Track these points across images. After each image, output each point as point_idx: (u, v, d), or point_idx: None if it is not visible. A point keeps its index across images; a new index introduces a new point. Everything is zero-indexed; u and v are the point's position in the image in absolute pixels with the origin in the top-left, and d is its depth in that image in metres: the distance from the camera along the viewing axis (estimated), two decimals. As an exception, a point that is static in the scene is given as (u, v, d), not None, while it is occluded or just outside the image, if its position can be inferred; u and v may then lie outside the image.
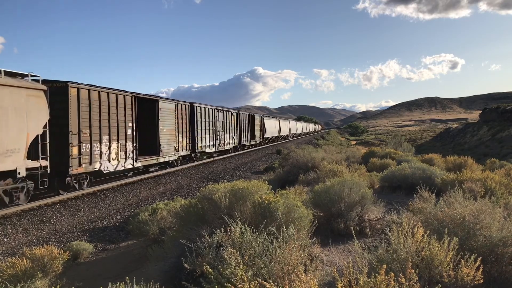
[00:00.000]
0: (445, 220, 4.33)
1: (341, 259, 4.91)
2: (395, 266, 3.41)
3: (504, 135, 67.83)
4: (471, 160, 13.55)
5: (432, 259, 3.43)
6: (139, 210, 9.74)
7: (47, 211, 11.50)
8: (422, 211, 5.10)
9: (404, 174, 9.65)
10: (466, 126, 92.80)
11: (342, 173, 9.97)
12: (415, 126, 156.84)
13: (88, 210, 11.99)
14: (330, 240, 5.46)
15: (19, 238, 9.38)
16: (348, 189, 6.29)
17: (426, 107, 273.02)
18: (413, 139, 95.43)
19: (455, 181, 7.69)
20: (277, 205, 4.89)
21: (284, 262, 3.47)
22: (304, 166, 13.36)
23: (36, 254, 5.88)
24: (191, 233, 4.85)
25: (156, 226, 7.70)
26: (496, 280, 3.80)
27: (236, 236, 4.00)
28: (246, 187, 5.41)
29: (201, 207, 5.56)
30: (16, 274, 5.37)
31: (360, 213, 6.29)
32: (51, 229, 10.06)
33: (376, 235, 5.88)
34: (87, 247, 8.02)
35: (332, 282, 3.82)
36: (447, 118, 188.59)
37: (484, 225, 4.12)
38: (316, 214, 6.09)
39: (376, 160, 14.39)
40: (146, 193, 14.92)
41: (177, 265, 4.32)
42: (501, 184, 7.59)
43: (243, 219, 4.75)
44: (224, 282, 3.16)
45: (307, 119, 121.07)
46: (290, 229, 4.04)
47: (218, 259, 3.76)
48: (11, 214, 10.86)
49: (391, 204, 7.14)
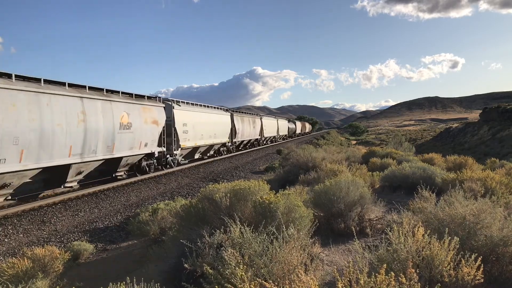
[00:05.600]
0: (446, 220, 4.33)
1: (342, 259, 4.90)
2: (396, 266, 3.41)
3: (504, 135, 67.76)
4: (471, 160, 13.55)
5: (432, 258, 3.42)
6: (140, 210, 9.74)
7: (47, 211, 11.52)
8: (422, 210, 5.10)
9: (404, 173, 9.65)
10: (467, 125, 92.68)
11: (342, 173, 9.96)
12: (415, 126, 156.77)
13: (88, 211, 11.99)
14: (331, 240, 5.46)
15: (19, 238, 9.39)
16: (348, 188, 6.29)
17: (426, 107, 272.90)
18: (414, 139, 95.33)
19: (455, 180, 7.70)
20: (278, 205, 4.89)
21: (284, 262, 3.46)
22: (305, 166, 13.36)
23: (37, 254, 5.88)
24: (191, 233, 4.85)
25: (157, 226, 7.70)
26: (496, 279, 3.80)
27: (236, 236, 4.00)
28: (247, 187, 5.41)
29: (202, 207, 5.56)
30: (17, 275, 5.37)
31: (361, 213, 6.28)
32: (52, 230, 10.06)
33: (377, 234, 5.88)
34: (87, 247, 8.01)
35: (333, 282, 3.82)
36: (447, 118, 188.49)
37: (484, 225, 4.12)
38: (317, 214, 6.09)
39: (376, 160, 14.40)
40: (147, 193, 14.92)
41: (177, 265, 4.32)
42: (501, 184, 7.59)
43: (244, 219, 4.75)
44: (224, 283, 3.16)
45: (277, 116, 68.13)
46: (290, 229, 4.04)
47: (218, 259, 3.75)
48: (12, 214, 10.88)
49: (392, 203, 7.14)
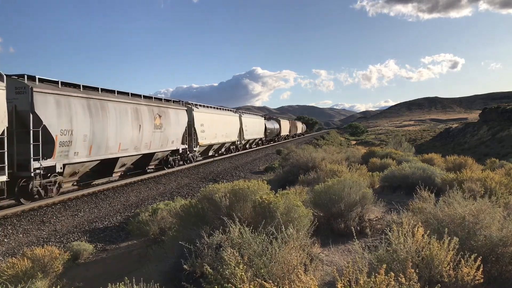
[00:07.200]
0: (445, 220, 4.33)
1: (341, 259, 4.90)
2: (395, 266, 3.41)
3: (504, 135, 67.76)
4: (471, 160, 13.55)
5: (432, 258, 3.43)
6: (139, 211, 9.73)
7: (47, 211, 11.51)
8: (422, 211, 5.10)
9: (404, 174, 9.65)
10: (466, 126, 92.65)
11: (342, 173, 9.96)
12: (415, 126, 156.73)
13: (88, 211, 11.99)
14: (330, 240, 5.46)
15: (19, 238, 9.38)
16: (348, 188, 6.28)
17: (426, 107, 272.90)
18: (413, 139, 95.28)
19: (455, 181, 7.69)
20: (277, 205, 4.89)
21: (284, 262, 3.46)
22: (304, 166, 13.36)
23: (36, 254, 5.88)
24: (191, 233, 4.85)
25: (156, 227, 7.69)
26: (496, 279, 3.80)
27: (235, 237, 4.00)
28: (246, 187, 5.41)
29: (201, 207, 5.56)
30: (16, 275, 5.37)
31: (360, 213, 6.28)
32: (51, 230, 10.06)
33: (377, 235, 5.88)
34: (87, 247, 8.01)
35: (332, 282, 3.82)
36: (447, 118, 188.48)
37: (484, 225, 4.12)
38: (316, 214, 6.09)
39: (376, 160, 14.40)
40: (146, 193, 14.92)
41: (177, 265, 4.32)
42: (501, 184, 7.58)
43: (244, 219, 4.75)
44: (224, 283, 3.16)
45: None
46: (289, 229, 4.03)
47: (217, 259, 3.75)
48: (12, 214, 10.87)
49: (391, 204, 7.14)
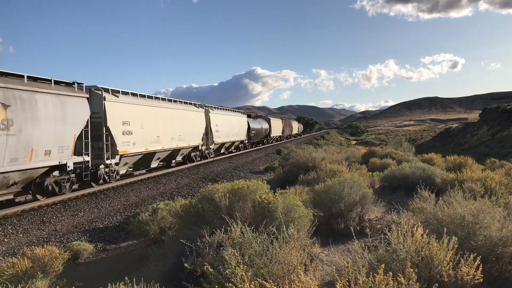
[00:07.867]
0: (445, 220, 4.34)
1: (341, 259, 4.91)
2: (395, 266, 3.41)
3: (504, 135, 67.76)
4: (471, 160, 13.53)
5: (431, 258, 3.43)
6: (140, 210, 9.75)
7: (47, 211, 11.52)
8: (422, 211, 5.10)
9: (404, 174, 9.65)
10: (466, 126, 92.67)
11: (342, 173, 9.96)
12: (415, 126, 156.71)
13: (88, 210, 11.99)
14: (330, 240, 5.46)
15: (19, 238, 9.39)
16: (348, 188, 6.28)
17: (426, 107, 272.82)
18: (413, 139, 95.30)
19: (455, 181, 7.68)
20: (276, 204, 4.89)
21: (284, 262, 3.47)
22: (304, 166, 13.35)
23: (36, 254, 5.88)
24: (191, 233, 4.85)
25: (157, 226, 7.70)
26: (496, 279, 3.81)
27: (236, 236, 4.00)
28: (246, 186, 5.41)
29: (201, 207, 5.56)
30: (16, 274, 5.37)
31: (360, 213, 6.28)
32: (52, 229, 10.07)
33: (376, 235, 5.88)
34: (87, 247, 8.02)
35: (332, 282, 3.82)
36: (447, 118, 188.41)
37: (484, 225, 4.12)
38: (316, 214, 6.09)
39: (376, 160, 14.39)
40: (146, 193, 14.92)
41: (177, 265, 4.32)
42: (501, 184, 7.58)
43: (243, 219, 4.75)
44: (224, 282, 3.16)
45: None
46: (290, 229, 4.04)
47: (218, 259, 3.76)
48: (12, 214, 10.88)
49: (391, 204, 7.15)
